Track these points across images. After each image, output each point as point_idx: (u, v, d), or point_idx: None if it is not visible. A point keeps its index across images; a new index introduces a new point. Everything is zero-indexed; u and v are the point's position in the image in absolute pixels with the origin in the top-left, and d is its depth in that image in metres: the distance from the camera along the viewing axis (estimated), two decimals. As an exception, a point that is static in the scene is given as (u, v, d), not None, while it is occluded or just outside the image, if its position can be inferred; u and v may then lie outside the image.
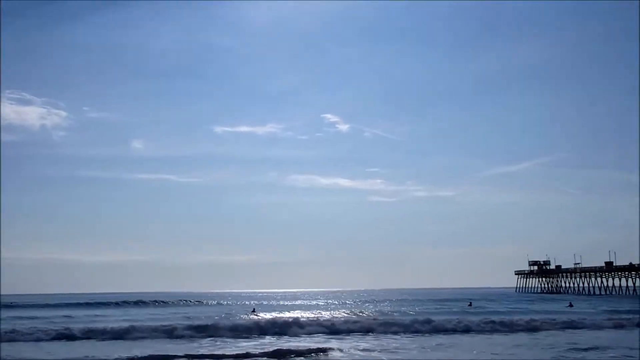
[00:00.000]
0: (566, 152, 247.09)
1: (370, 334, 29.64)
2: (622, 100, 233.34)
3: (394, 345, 24.77)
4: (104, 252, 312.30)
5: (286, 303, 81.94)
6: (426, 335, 29.33)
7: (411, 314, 45.85)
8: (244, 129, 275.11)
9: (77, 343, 26.91)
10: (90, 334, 29.21)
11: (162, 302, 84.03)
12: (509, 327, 31.99)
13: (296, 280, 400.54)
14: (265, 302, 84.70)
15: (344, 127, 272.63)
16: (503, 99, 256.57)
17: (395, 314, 47.71)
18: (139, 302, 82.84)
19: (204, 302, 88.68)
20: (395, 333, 29.69)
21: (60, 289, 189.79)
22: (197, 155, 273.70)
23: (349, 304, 78.47)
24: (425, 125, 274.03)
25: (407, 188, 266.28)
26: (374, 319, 36.54)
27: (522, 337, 27.85)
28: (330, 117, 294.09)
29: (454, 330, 31.04)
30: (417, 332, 30.35)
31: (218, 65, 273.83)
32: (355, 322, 34.44)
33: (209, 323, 32.56)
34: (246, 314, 49.15)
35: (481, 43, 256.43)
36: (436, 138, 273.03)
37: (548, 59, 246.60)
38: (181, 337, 28.73)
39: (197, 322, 33.75)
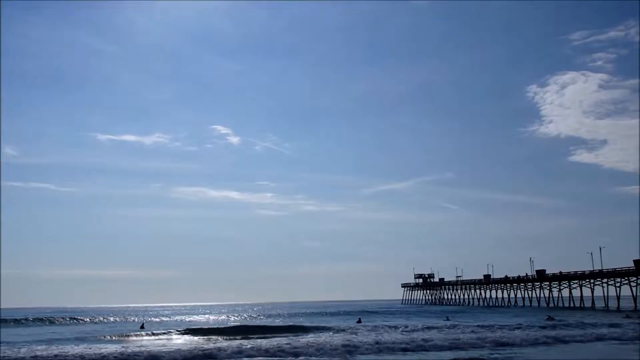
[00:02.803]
0: (448, 172, 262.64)
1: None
2: (506, 127, 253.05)
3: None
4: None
5: (177, 319, 78.10)
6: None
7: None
8: (129, 137, 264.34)
9: None
10: None
11: (42, 319, 73.59)
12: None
13: (184, 295, 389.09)
14: (154, 319, 79.83)
15: (234, 140, 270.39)
16: (390, 119, 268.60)
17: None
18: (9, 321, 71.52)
19: (83, 319, 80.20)
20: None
21: None
22: (77, 164, 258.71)
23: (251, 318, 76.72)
24: (314, 140, 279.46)
25: (297, 202, 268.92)
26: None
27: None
28: (221, 128, 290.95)
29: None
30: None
31: (101, 71, 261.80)
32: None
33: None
34: (136, 331, 46.08)
35: (372, 63, 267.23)
36: (325, 154, 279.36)
37: (440, 83, 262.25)
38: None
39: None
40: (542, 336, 31.88)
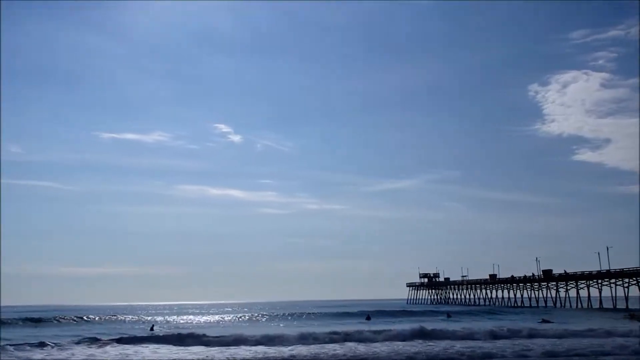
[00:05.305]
0: (453, 171, 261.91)
1: None
2: (509, 126, 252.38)
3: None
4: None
5: (186, 318, 77.86)
6: None
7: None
8: (130, 136, 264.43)
9: None
10: None
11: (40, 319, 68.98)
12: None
13: (186, 293, 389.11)
14: (161, 318, 79.43)
15: (235, 138, 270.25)
16: (392, 117, 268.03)
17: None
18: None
19: (86, 317, 76.54)
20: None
21: None
22: (80, 162, 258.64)
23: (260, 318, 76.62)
24: (316, 139, 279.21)
25: (299, 200, 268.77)
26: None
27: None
28: (222, 127, 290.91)
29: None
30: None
31: (101, 70, 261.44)
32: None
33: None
34: (146, 332, 45.96)
35: (376, 62, 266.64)
36: (327, 152, 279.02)
37: (443, 82, 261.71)
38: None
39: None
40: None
